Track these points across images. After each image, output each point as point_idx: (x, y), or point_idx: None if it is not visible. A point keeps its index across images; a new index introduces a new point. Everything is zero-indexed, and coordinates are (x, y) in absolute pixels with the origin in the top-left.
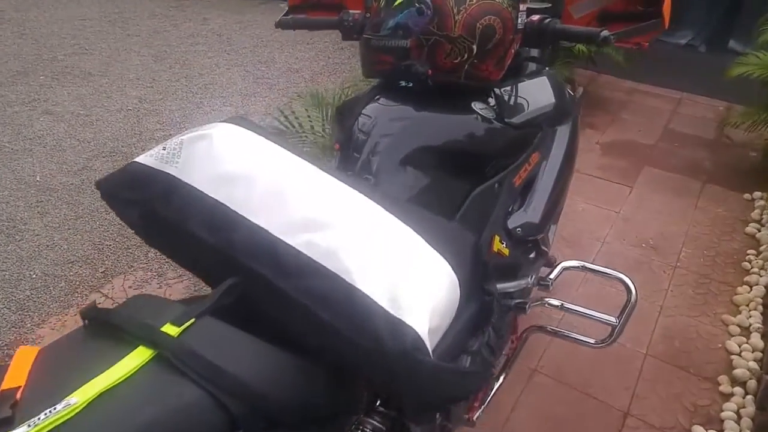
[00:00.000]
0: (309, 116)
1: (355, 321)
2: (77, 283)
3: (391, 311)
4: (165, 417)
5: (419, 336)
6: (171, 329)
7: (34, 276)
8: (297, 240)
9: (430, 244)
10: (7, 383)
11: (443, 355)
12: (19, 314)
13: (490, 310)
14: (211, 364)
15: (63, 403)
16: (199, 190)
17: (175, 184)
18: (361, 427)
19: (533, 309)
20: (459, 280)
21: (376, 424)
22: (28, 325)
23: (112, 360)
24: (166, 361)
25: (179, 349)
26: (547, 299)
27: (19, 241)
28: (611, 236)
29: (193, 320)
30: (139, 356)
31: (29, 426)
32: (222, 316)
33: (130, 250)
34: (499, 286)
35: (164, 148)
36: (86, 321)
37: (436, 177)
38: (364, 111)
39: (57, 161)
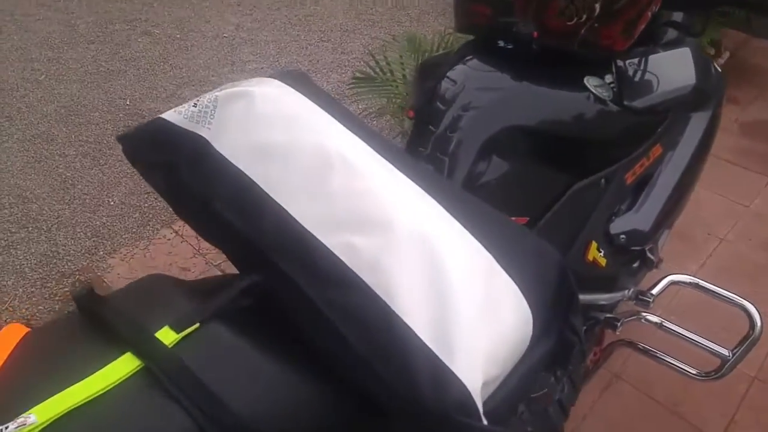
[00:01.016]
0: (402, 63)
1: (390, 358)
2: (150, 216)
3: (437, 352)
4: None
5: (469, 393)
6: (168, 335)
7: (111, 203)
8: (335, 240)
9: (501, 265)
10: None
11: (497, 411)
12: (94, 240)
13: (569, 352)
14: (207, 392)
15: (17, 422)
16: (230, 161)
17: (204, 149)
18: None
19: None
20: (533, 313)
21: None
22: (101, 253)
23: (93, 367)
24: (155, 376)
25: (171, 364)
26: (644, 314)
27: (102, 165)
28: (733, 234)
29: (197, 325)
30: (125, 366)
31: None
32: (234, 320)
33: None
34: (589, 297)
35: (195, 105)
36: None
37: (527, 166)
38: (449, 73)
39: (147, 85)
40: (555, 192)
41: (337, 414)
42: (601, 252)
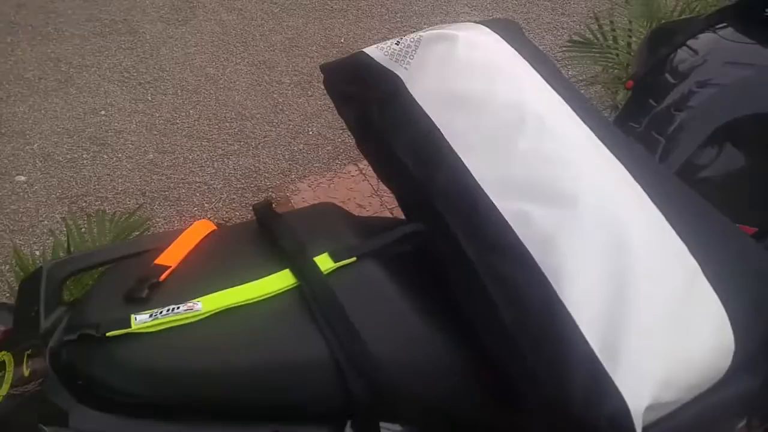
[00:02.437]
0: (630, 30)
1: (542, 345)
2: (341, 150)
3: (599, 355)
4: (278, 364)
5: (627, 412)
6: (325, 262)
7: (310, 133)
8: (509, 204)
9: (707, 276)
10: (164, 258)
11: None
12: (289, 164)
13: None
14: (349, 326)
15: (186, 305)
16: (419, 104)
17: (397, 89)
18: None
19: None
20: (737, 342)
21: None
22: (293, 176)
23: (256, 273)
24: (305, 298)
25: (322, 291)
26: None
27: (309, 96)
28: None
29: (354, 259)
30: (282, 281)
31: (151, 317)
32: (390, 262)
33: None
34: None
35: (398, 43)
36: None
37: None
38: (690, 41)
39: (363, 26)
40: None
41: (470, 387)
42: None
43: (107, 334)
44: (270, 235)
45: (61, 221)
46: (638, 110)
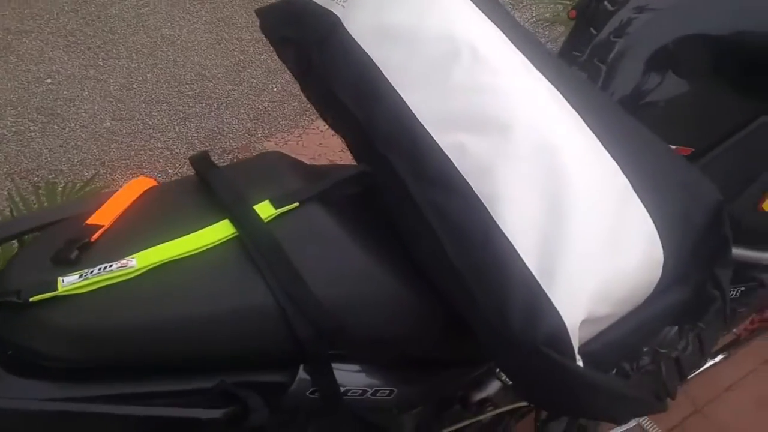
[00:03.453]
0: None
1: (484, 274)
2: (308, 106)
3: (537, 276)
4: (222, 315)
5: (564, 327)
6: (266, 209)
7: (274, 89)
8: (447, 138)
9: (637, 193)
10: (96, 218)
11: (598, 354)
12: (254, 123)
13: (705, 308)
14: (292, 270)
15: (120, 263)
16: (356, 42)
17: (334, 28)
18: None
19: None
20: (666, 255)
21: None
22: (259, 135)
23: (194, 226)
24: (246, 247)
25: (262, 238)
26: None
27: (271, 52)
28: None
29: (296, 204)
30: (220, 231)
31: (80, 277)
32: (335, 206)
33: None
34: (755, 254)
35: None
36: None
37: (705, 86)
38: None
39: None
40: (736, 122)
41: (419, 323)
42: None
43: (31, 299)
44: (208, 186)
45: (9, 198)
46: (580, 39)
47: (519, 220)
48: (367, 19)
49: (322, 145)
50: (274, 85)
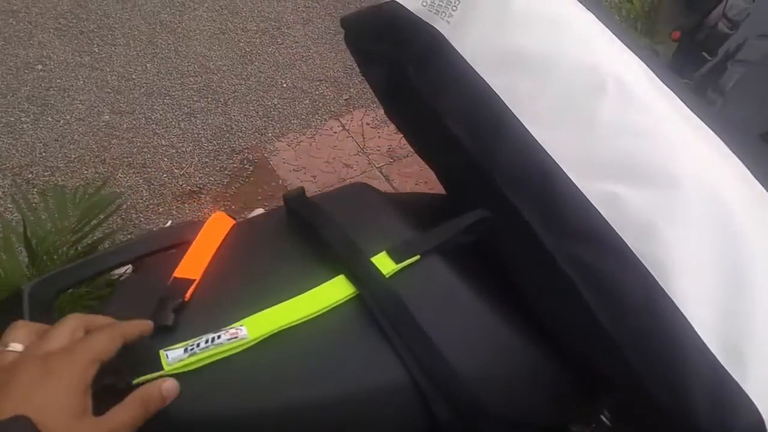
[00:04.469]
0: None
1: (650, 350)
2: (320, 104)
3: (723, 361)
4: (350, 397)
5: (763, 425)
6: (385, 263)
7: (284, 85)
8: (593, 185)
9: None
10: (184, 269)
11: None
12: (264, 120)
13: None
14: (428, 341)
15: (228, 332)
16: (469, 64)
17: (439, 47)
18: None
19: None
20: None
21: None
22: (269, 134)
23: (304, 282)
24: (369, 310)
25: (388, 299)
26: None
27: (279, 45)
28: None
29: (417, 257)
30: (338, 290)
31: (186, 351)
32: (455, 257)
33: None
34: None
35: None
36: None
37: None
38: None
39: None
40: None
41: (557, 394)
42: None
43: (134, 381)
44: (310, 231)
45: (4, 197)
46: (687, 64)
47: (692, 288)
48: (483, 40)
49: (337, 148)
50: (283, 81)
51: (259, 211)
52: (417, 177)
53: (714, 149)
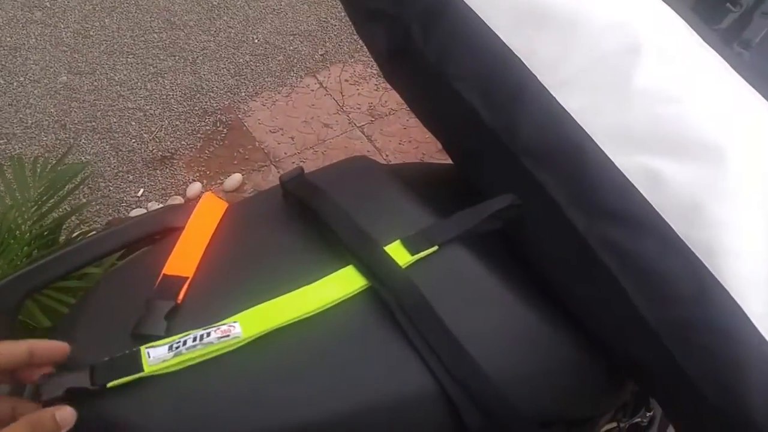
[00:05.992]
0: None
1: (700, 343)
2: (295, 60)
3: None
4: (367, 407)
5: None
6: (400, 254)
7: (255, 41)
8: (631, 161)
9: None
10: (174, 265)
11: None
12: (236, 79)
13: None
14: (454, 342)
15: (219, 329)
16: (483, 21)
17: (447, 2)
18: None
19: None
20: None
21: None
22: (242, 94)
23: (306, 273)
24: (384, 305)
25: (406, 293)
26: None
27: None
28: None
29: (436, 248)
30: (346, 282)
31: (170, 350)
32: (476, 247)
33: (356, 37)
34: None
35: None
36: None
37: None
38: None
39: None
40: None
41: (590, 390)
42: None
43: (109, 385)
44: (311, 214)
45: None
46: (709, 16)
47: (747, 277)
48: None
49: (315, 107)
50: (254, 36)
51: (237, 176)
52: (400, 136)
53: (764, 114)
